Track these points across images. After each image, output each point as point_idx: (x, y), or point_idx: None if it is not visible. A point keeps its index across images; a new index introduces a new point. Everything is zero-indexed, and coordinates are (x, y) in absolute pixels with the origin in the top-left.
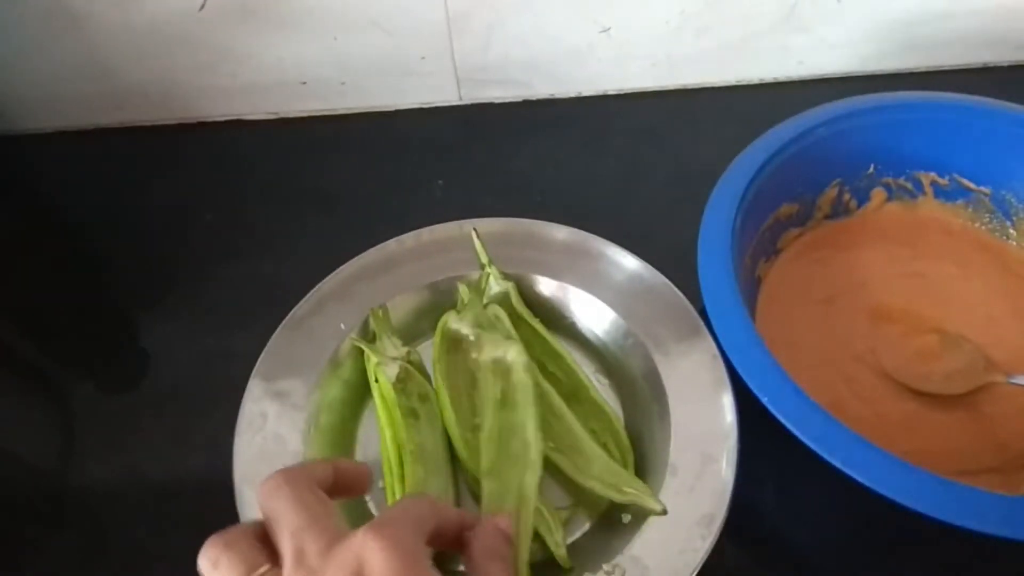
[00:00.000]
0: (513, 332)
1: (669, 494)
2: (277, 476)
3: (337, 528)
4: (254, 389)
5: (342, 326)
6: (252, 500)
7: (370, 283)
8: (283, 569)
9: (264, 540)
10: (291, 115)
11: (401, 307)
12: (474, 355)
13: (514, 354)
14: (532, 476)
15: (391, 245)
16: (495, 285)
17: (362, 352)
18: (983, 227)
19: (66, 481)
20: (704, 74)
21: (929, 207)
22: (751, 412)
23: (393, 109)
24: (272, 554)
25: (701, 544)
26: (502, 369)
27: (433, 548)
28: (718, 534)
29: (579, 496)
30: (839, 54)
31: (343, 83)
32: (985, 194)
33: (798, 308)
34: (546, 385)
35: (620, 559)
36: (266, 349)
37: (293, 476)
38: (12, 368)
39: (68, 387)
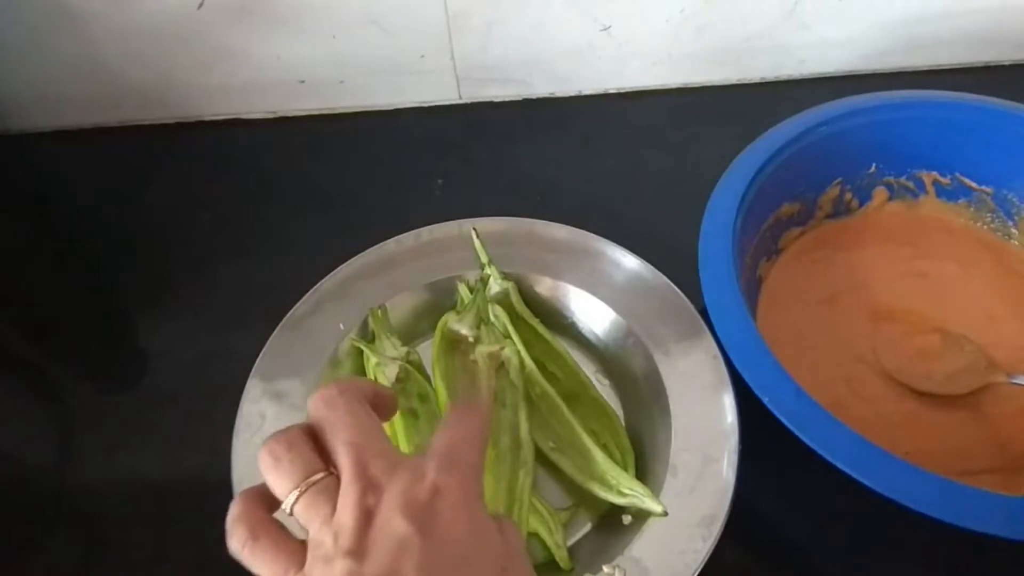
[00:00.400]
0: (511, 331)
1: (670, 495)
2: (332, 387)
3: (393, 448)
4: (253, 389)
5: (341, 326)
6: None
7: (369, 283)
8: (342, 478)
9: (316, 444)
10: (290, 114)
11: (400, 307)
12: (471, 355)
13: (508, 353)
14: (525, 475)
15: (390, 245)
16: (495, 285)
17: (361, 352)
18: (985, 226)
19: (66, 481)
20: (705, 73)
21: (931, 206)
22: (752, 412)
23: (392, 108)
24: (326, 460)
25: (702, 545)
26: (496, 365)
27: None
28: (719, 535)
29: (580, 497)
30: (840, 53)
31: (342, 82)
32: (987, 193)
33: (799, 308)
34: (546, 385)
35: (621, 560)
36: (265, 349)
37: (346, 388)
38: (11, 368)
39: (67, 387)
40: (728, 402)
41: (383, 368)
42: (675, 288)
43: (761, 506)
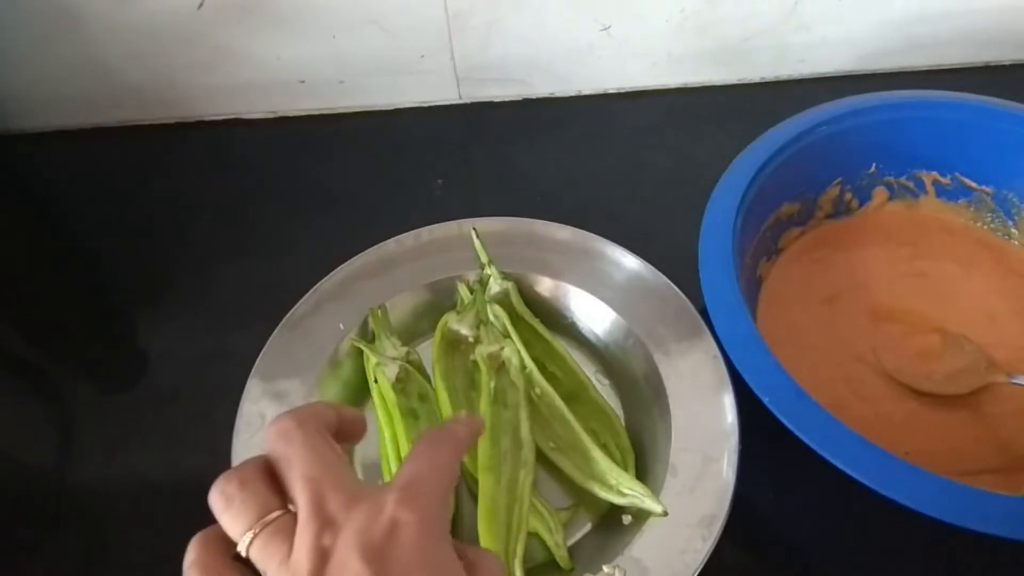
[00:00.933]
0: (511, 331)
1: (670, 495)
2: (287, 419)
3: (354, 480)
4: (253, 389)
5: (341, 326)
6: None
7: (369, 283)
8: (299, 517)
9: (272, 480)
10: (290, 114)
11: (400, 307)
12: (471, 354)
13: (508, 353)
14: (526, 475)
15: (390, 245)
16: (495, 285)
17: (361, 352)
18: (985, 226)
19: (65, 481)
20: (705, 73)
21: (931, 206)
22: (752, 412)
23: (392, 108)
24: (282, 496)
25: (702, 545)
26: (496, 365)
27: None
28: (719, 535)
29: (580, 497)
30: (840, 53)
31: (342, 82)
32: (987, 193)
33: (799, 308)
34: (546, 385)
35: (621, 560)
36: (265, 349)
37: (304, 419)
38: (11, 368)
39: (67, 387)
40: (728, 402)
41: (383, 368)
42: (675, 288)
43: (761, 506)
